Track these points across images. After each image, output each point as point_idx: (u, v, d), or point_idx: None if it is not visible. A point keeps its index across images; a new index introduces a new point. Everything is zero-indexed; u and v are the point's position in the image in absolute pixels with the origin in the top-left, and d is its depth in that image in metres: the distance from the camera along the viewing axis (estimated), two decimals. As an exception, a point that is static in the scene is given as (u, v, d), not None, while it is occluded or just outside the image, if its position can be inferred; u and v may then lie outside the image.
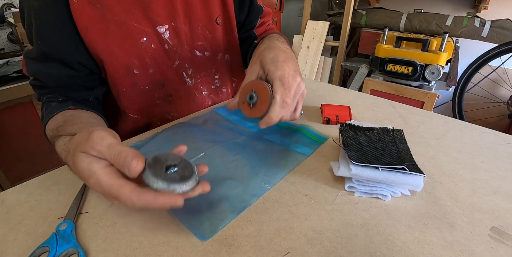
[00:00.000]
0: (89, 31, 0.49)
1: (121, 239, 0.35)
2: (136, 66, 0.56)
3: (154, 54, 0.57)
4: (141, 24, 0.53)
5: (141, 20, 0.53)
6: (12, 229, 0.37)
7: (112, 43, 0.52)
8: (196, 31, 0.62)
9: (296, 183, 0.44)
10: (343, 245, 0.34)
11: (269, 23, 0.77)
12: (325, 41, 2.31)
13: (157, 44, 0.57)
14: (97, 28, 0.49)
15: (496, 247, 0.34)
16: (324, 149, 0.53)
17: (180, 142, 0.53)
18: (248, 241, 0.35)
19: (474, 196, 0.42)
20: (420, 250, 0.34)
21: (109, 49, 0.52)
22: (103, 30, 0.50)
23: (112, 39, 0.51)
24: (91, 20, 0.49)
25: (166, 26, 0.56)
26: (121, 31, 0.52)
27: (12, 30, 1.85)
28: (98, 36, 0.50)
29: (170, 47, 0.59)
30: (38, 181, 0.46)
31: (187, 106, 0.68)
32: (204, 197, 0.40)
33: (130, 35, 0.53)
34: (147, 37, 0.55)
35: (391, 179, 0.39)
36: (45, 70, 0.51)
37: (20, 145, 1.47)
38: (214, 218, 0.37)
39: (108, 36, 0.51)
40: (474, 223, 0.37)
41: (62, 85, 0.53)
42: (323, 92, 0.79)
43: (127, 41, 0.53)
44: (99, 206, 0.40)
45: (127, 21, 0.52)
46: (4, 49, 1.86)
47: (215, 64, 0.69)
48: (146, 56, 0.56)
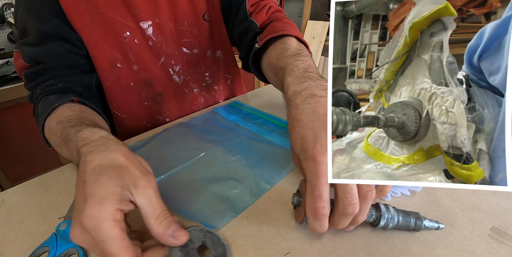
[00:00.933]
0: (74, 20, 0.50)
1: (121, 239, 0.35)
2: (119, 59, 0.56)
3: (138, 50, 0.57)
4: (125, 18, 0.54)
5: (124, 14, 0.54)
6: (12, 229, 0.37)
7: (96, 35, 0.52)
8: (182, 28, 0.61)
9: (296, 183, 0.44)
10: (343, 245, 0.34)
11: (271, 5, 0.60)
12: (325, 41, 2.31)
13: (140, 40, 0.57)
14: (82, 19, 0.51)
15: (496, 247, 0.34)
16: (324, 149, 0.53)
17: (180, 142, 0.53)
18: (248, 241, 0.35)
19: (474, 196, 0.42)
20: (420, 250, 0.34)
21: (93, 40, 0.52)
22: (87, 22, 0.51)
23: (96, 31, 0.52)
24: (76, 11, 0.50)
25: (150, 22, 0.56)
26: (104, 24, 0.52)
27: (12, 30, 1.85)
28: (83, 26, 0.51)
29: (154, 43, 0.59)
30: (38, 181, 0.46)
31: (178, 104, 0.68)
32: (205, 197, 0.40)
33: (113, 28, 0.53)
34: (130, 32, 0.55)
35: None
36: (46, 50, 0.50)
37: (20, 145, 1.47)
38: (214, 217, 0.38)
39: (92, 28, 0.52)
40: (474, 223, 0.37)
41: (64, 64, 0.52)
42: (323, 92, 0.79)
43: (110, 34, 0.53)
44: (99, 206, 0.40)
45: (110, 14, 0.52)
46: (4, 49, 1.86)
47: (204, 61, 0.68)
48: (129, 51, 0.56)
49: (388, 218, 0.35)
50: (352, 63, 0.42)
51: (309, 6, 2.33)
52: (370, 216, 0.35)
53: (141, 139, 0.56)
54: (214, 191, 0.41)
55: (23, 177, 1.50)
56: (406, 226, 0.35)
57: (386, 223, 0.35)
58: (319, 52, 2.33)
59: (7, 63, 1.58)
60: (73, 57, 0.52)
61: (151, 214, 0.26)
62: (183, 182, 0.43)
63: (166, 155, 0.49)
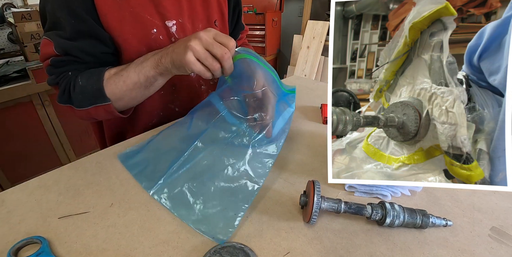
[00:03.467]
0: (108, 17, 0.54)
1: (121, 239, 0.35)
2: (144, 53, 0.60)
3: (162, 45, 0.61)
4: (153, 17, 0.59)
5: (153, 13, 0.59)
6: (12, 229, 0.37)
7: (127, 31, 0.57)
8: (197, 29, 0.67)
9: (296, 183, 0.44)
10: (343, 245, 0.34)
11: (245, 39, 0.89)
12: (325, 41, 2.31)
13: (165, 37, 0.62)
14: (115, 16, 0.55)
15: (496, 247, 0.34)
16: (324, 149, 0.53)
17: (175, 141, 0.52)
18: (248, 241, 0.35)
19: (474, 196, 0.42)
20: (420, 250, 0.34)
21: (124, 36, 0.57)
22: (120, 18, 0.55)
23: (127, 27, 0.56)
24: (110, 8, 0.54)
25: (174, 22, 0.62)
26: (135, 21, 0.57)
27: (12, 30, 1.85)
28: (115, 23, 0.55)
29: (176, 40, 0.63)
30: (38, 181, 0.46)
31: (188, 96, 0.73)
32: (206, 198, 0.40)
33: (143, 25, 0.58)
34: (157, 29, 0.60)
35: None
36: (81, 47, 0.54)
37: (20, 145, 1.47)
38: (225, 215, 0.37)
39: (124, 24, 0.56)
40: (474, 223, 0.37)
41: (96, 62, 0.57)
42: (323, 92, 0.79)
43: (139, 30, 0.58)
44: (99, 206, 0.40)
45: (141, 13, 0.57)
46: (4, 49, 1.86)
47: None
48: (155, 46, 0.61)
49: (394, 216, 0.35)
50: (352, 63, 0.42)
51: (309, 6, 2.32)
52: (376, 214, 0.35)
53: (139, 140, 0.56)
54: (212, 188, 0.41)
55: (23, 177, 1.50)
56: (412, 223, 0.35)
57: (392, 220, 0.35)
58: (319, 52, 2.32)
59: (7, 63, 1.58)
60: (104, 57, 0.58)
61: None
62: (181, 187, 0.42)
63: (162, 159, 0.48)
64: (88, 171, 0.48)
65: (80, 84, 0.54)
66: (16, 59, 1.67)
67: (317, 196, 0.35)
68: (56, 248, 0.34)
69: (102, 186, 0.44)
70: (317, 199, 0.34)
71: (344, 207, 0.36)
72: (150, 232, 0.36)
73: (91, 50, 0.55)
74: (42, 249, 0.33)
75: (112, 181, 0.45)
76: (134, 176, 0.46)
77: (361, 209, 0.36)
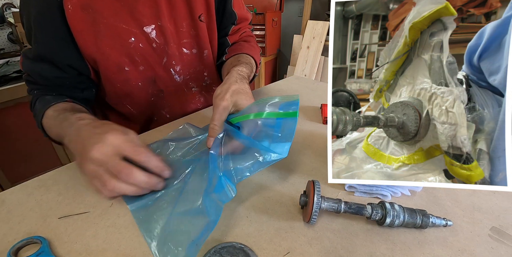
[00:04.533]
0: (83, 34, 0.53)
1: (121, 239, 0.35)
2: (127, 63, 0.60)
3: (143, 53, 0.61)
4: (129, 25, 0.57)
5: (129, 21, 0.56)
6: (12, 229, 0.37)
7: (104, 44, 0.55)
8: (181, 29, 0.64)
9: (296, 183, 0.44)
10: (343, 245, 0.34)
11: (245, 30, 0.77)
12: (325, 41, 2.31)
13: (144, 43, 0.60)
14: (90, 31, 0.53)
15: (496, 247, 0.34)
16: (324, 149, 0.53)
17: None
18: (248, 241, 0.35)
19: (474, 196, 0.42)
20: (420, 250, 0.34)
21: (101, 50, 0.55)
22: (95, 33, 0.54)
23: (103, 41, 0.55)
24: (85, 24, 0.52)
25: (153, 26, 0.59)
26: (111, 32, 0.55)
27: (12, 30, 1.85)
28: (91, 38, 0.54)
29: (157, 45, 0.62)
30: (38, 181, 0.46)
31: (177, 101, 0.71)
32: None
33: (119, 36, 0.56)
34: (135, 37, 0.58)
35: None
36: (37, 70, 0.56)
37: (20, 145, 1.47)
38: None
39: (99, 38, 0.54)
40: (474, 223, 0.37)
41: (52, 84, 0.58)
42: (323, 92, 0.79)
43: (117, 41, 0.56)
44: (99, 206, 0.40)
45: (116, 23, 0.55)
46: (4, 49, 1.86)
47: (202, 61, 0.71)
48: (135, 55, 0.60)
49: (394, 216, 0.35)
50: (352, 63, 0.42)
51: (309, 6, 2.33)
52: (376, 214, 0.35)
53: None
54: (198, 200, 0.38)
55: (23, 177, 1.50)
56: (412, 223, 0.35)
57: (392, 220, 0.35)
58: (319, 52, 2.33)
59: (7, 63, 1.58)
60: (59, 81, 0.57)
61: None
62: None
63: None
64: (88, 171, 0.48)
65: (35, 108, 0.56)
66: (16, 59, 1.67)
67: (317, 196, 0.35)
68: (56, 248, 0.34)
69: (102, 186, 0.44)
70: (317, 199, 0.34)
71: (344, 207, 0.36)
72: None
73: (45, 74, 0.56)
74: (42, 249, 0.33)
75: (112, 181, 0.45)
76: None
77: (361, 209, 0.36)
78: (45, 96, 0.56)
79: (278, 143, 0.42)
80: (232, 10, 0.70)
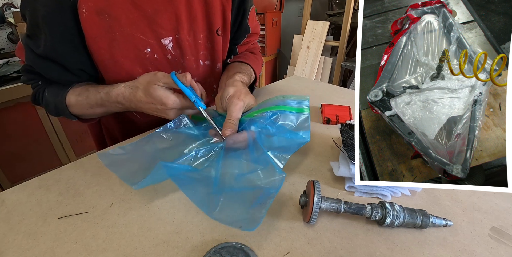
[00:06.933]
0: (98, 40, 0.52)
1: (121, 239, 0.35)
2: (139, 73, 0.58)
3: (157, 64, 0.60)
4: (146, 36, 0.55)
5: (146, 32, 0.55)
6: (12, 229, 0.37)
7: (117, 52, 0.54)
8: (199, 41, 0.63)
9: (296, 183, 0.44)
10: (343, 245, 0.34)
11: (254, 42, 0.82)
12: (325, 41, 2.31)
13: (160, 55, 0.59)
14: (105, 38, 0.52)
15: (496, 247, 0.34)
16: (324, 149, 0.53)
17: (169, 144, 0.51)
18: (248, 241, 0.35)
19: (474, 196, 0.42)
20: (420, 250, 0.34)
21: (114, 58, 0.54)
22: (110, 40, 0.52)
23: (117, 48, 0.54)
24: (99, 30, 0.51)
25: (170, 38, 0.58)
26: (126, 41, 0.54)
27: (12, 30, 1.85)
28: (105, 44, 0.52)
29: (172, 57, 0.61)
30: (38, 181, 0.46)
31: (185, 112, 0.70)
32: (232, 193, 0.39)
33: (135, 45, 0.55)
34: (151, 48, 0.57)
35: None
36: (47, 70, 0.54)
37: (20, 145, 1.47)
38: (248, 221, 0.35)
39: (114, 46, 0.53)
40: (474, 223, 0.37)
41: (58, 81, 0.57)
42: (323, 92, 0.79)
43: (131, 51, 0.55)
44: (99, 206, 0.40)
45: (132, 32, 0.54)
46: (4, 49, 1.86)
47: (213, 73, 0.71)
48: (149, 65, 0.59)
49: (394, 216, 0.35)
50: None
51: (309, 6, 2.32)
52: (376, 214, 0.35)
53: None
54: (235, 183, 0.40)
55: (23, 177, 1.50)
56: (412, 223, 0.35)
57: (392, 220, 0.35)
58: (319, 52, 2.32)
59: (7, 63, 1.58)
60: (67, 82, 0.57)
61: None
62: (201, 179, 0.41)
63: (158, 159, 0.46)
64: (88, 171, 0.48)
65: (47, 98, 0.55)
66: (16, 59, 1.67)
67: (317, 196, 0.35)
68: (56, 248, 0.34)
69: (102, 186, 0.44)
70: (317, 199, 0.34)
71: (344, 207, 0.36)
72: (150, 232, 0.36)
73: (55, 76, 0.55)
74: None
75: (112, 181, 0.45)
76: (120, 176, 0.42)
77: (361, 209, 0.36)
78: (53, 87, 0.56)
79: (297, 132, 0.46)
80: (247, 25, 0.72)
